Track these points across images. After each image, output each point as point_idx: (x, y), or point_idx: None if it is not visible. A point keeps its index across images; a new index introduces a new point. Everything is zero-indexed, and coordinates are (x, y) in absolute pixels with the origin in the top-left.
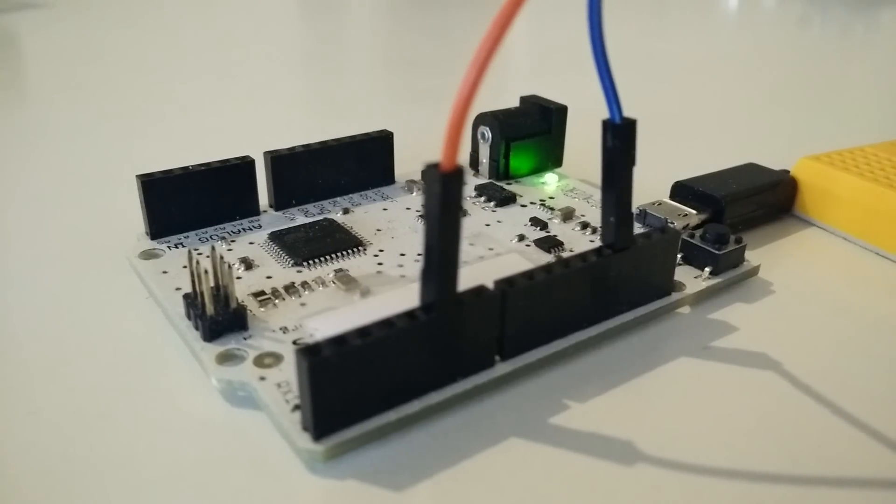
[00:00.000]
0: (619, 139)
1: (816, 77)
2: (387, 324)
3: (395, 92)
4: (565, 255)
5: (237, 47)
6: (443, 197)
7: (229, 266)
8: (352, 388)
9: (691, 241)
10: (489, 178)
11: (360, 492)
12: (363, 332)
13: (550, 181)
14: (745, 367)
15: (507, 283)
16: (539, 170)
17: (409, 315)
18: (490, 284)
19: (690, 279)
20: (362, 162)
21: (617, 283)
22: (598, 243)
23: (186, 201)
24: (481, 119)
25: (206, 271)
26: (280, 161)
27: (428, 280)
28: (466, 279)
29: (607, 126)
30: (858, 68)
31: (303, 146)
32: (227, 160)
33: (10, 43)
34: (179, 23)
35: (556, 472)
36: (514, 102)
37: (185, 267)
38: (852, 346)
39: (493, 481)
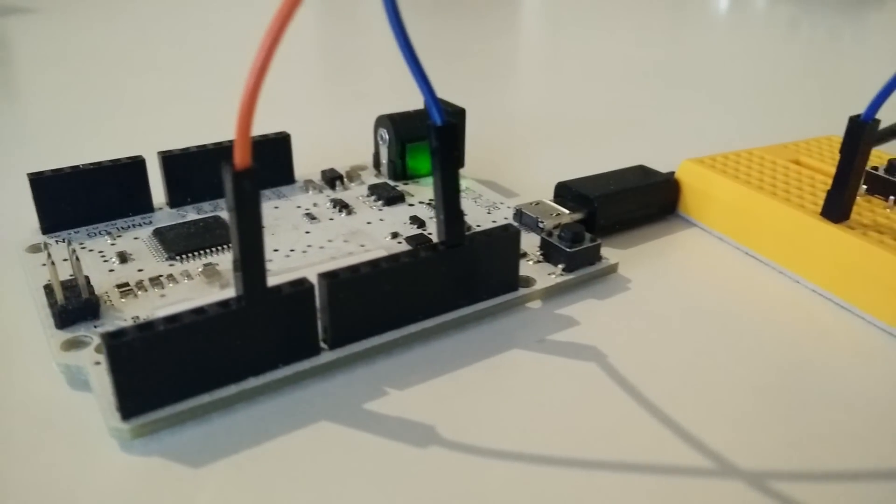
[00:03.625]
0: (442, 141)
1: (762, 78)
2: (198, 311)
3: (334, 92)
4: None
5: (222, 48)
6: (236, 194)
7: (77, 258)
8: (162, 371)
9: (549, 239)
10: (388, 178)
11: (159, 468)
12: (171, 318)
13: None
14: (569, 360)
15: (330, 276)
16: None
17: (222, 304)
18: None
19: (544, 275)
20: (260, 162)
21: (454, 278)
22: None
23: (77, 198)
24: (380, 121)
25: (76, 260)
26: (172, 161)
27: (237, 273)
28: None
29: (430, 128)
30: (810, 68)
31: (197, 147)
32: (118, 159)
33: None
34: (163, 23)
35: (354, 453)
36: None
37: (65, 260)
38: (688, 342)
39: (291, 461)
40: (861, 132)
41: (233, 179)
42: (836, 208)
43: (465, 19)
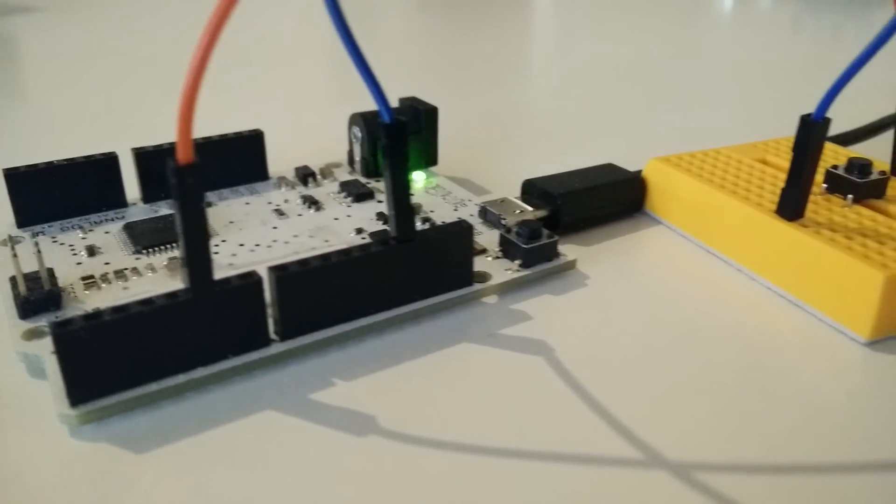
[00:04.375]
0: (391, 138)
1: (757, 76)
2: (146, 302)
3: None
4: None
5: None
6: (179, 188)
7: (39, 251)
8: (110, 360)
9: (507, 235)
10: (362, 176)
11: (104, 453)
12: (119, 308)
13: (418, 179)
14: (516, 354)
15: (279, 270)
16: (414, 168)
17: (169, 295)
18: None
19: (501, 271)
20: (234, 159)
21: (405, 273)
22: None
23: (51, 193)
24: (353, 119)
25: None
26: (146, 157)
27: (183, 266)
28: None
29: (380, 126)
30: (808, 66)
31: (169, 143)
32: (91, 156)
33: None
34: (170, 22)
35: (293, 442)
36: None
37: (34, 253)
38: (639, 338)
39: (231, 449)
40: (812, 131)
41: (176, 175)
42: (790, 206)
43: (450, 17)
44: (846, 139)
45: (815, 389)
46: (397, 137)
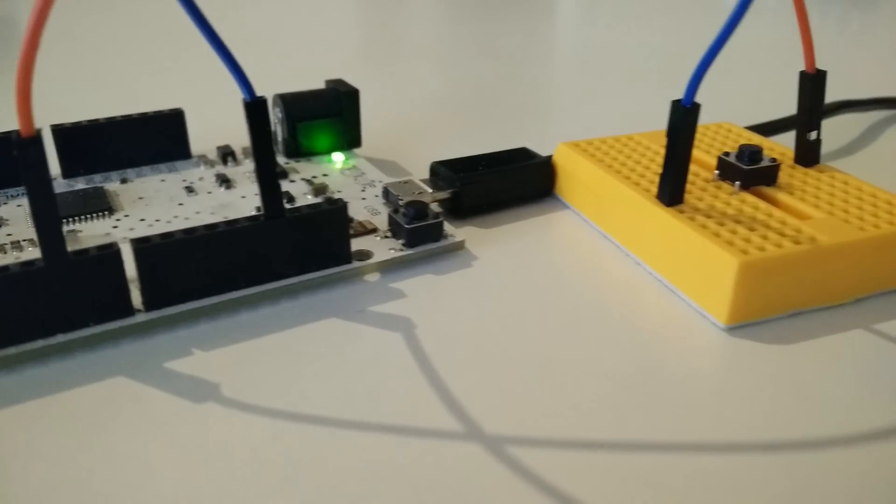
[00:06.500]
0: (253, 117)
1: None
2: (2, 269)
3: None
4: None
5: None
6: (23, 160)
7: None
8: None
9: (394, 216)
10: (284, 156)
11: None
12: None
13: (337, 160)
14: (379, 330)
15: (142, 242)
16: (336, 149)
17: (25, 264)
18: None
19: (385, 250)
20: (154, 137)
21: (276, 249)
22: None
23: None
24: (274, 101)
25: None
26: (64, 133)
27: (39, 239)
28: None
29: (244, 105)
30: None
31: (88, 121)
32: (7, 132)
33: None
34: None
35: (135, 408)
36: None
37: None
38: (505, 319)
39: (70, 411)
40: (682, 116)
41: (19, 148)
42: (667, 192)
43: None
44: (766, 130)
45: (667, 372)
46: (259, 114)
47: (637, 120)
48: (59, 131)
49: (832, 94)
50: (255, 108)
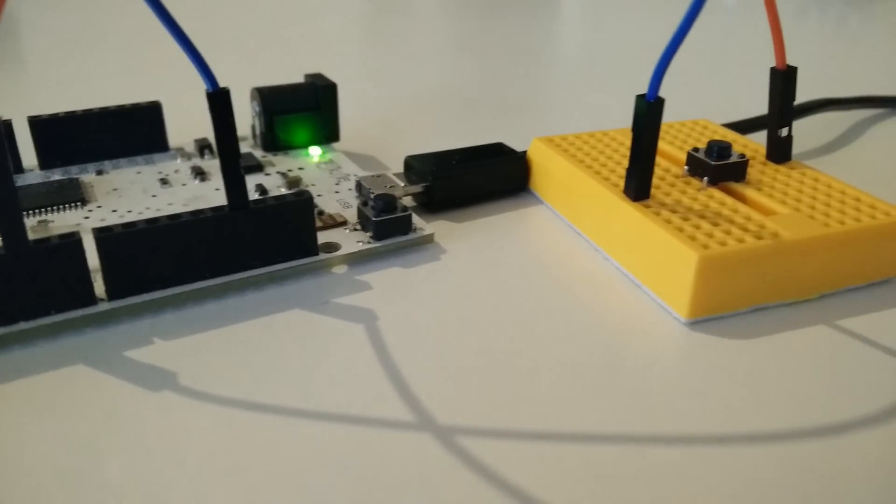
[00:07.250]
0: (215, 107)
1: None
2: None
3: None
4: None
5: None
6: None
7: None
8: None
9: (363, 208)
10: (262, 149)
11: None
12: None
13: (314, 153)
14: (341, 321)
15: (104, 231)
16: (313, 143)
17: None
18: None
19: (353, 242)
20: (131, 129)
21: (241, 240)
22: None
23: None
24: (252, 94)
25: None
26: (41, 125)
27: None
28: None
29: (207, 95)
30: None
31: (66, 113)
32: None
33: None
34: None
35: (88, 395)
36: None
37: None
38: (467, 311)
39: (28, 401)
40: (646, 111)
41: None
42: (633, 187)
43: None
44: (744, 127)
45: (626, 366)
46: (221, 106)
47: (618, 116)
48: (37, 123)
49: (826, 92)
50: (218, 99)
